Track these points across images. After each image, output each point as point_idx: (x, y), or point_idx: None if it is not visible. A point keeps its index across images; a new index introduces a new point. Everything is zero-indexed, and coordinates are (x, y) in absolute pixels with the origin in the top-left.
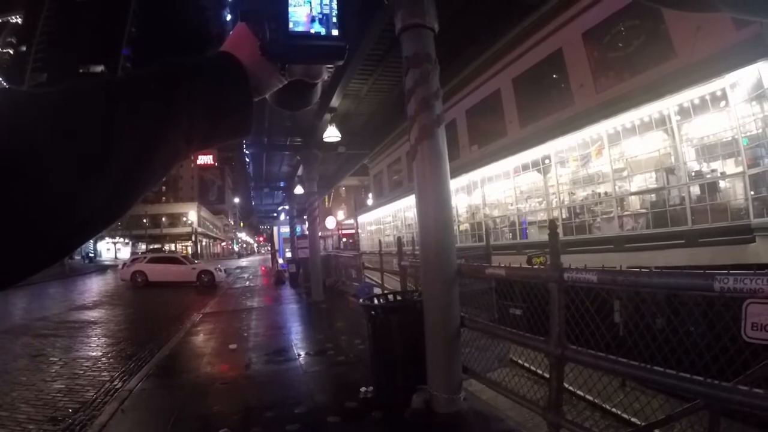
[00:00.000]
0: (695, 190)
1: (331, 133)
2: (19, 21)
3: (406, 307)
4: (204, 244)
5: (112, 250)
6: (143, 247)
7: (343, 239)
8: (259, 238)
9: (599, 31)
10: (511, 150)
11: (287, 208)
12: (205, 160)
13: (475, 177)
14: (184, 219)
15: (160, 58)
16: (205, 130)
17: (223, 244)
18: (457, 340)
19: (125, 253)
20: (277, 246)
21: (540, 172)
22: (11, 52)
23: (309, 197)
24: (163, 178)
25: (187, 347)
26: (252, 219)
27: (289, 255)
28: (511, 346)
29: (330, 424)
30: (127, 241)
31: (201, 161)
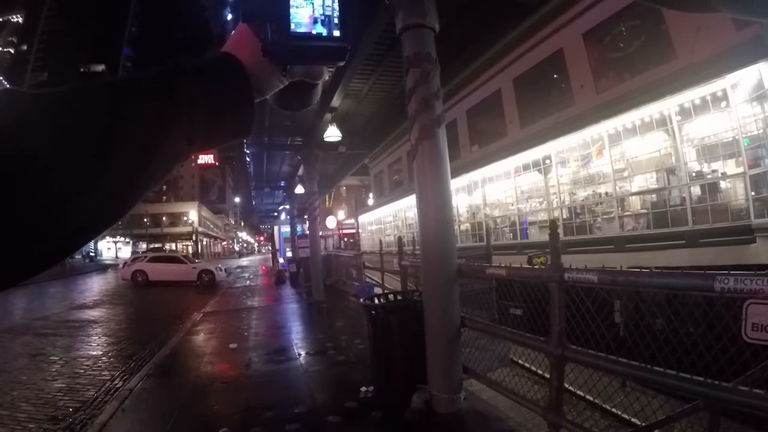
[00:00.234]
0: (696, 190)
1: (332, 133)
2: (19, 20)
3: (407, 306)
4: (205, 243)
5: (113, 249)
6: (144, 246)
7: (344, 239)
8: (259, 238)
9: (600, 32)
10: (511, 150)
11: (288, 207)
12: (205, 159)
13: (475, 177)
14: (185, 218)
15: (161, 58)
16: (206, 130)
17: (224, 243)
18: (458, 339)
19: (126, 252)
20: (277, 245)
21: (540, 172)
22: (12, 51)
23: (309, 197)
24: (165, 178)
25: (188, 346)
26: (252, 218)
27: (290, 254)
28: (511, 346)
29: (330, 423)
30: (127, 240)
31: (202, 161)
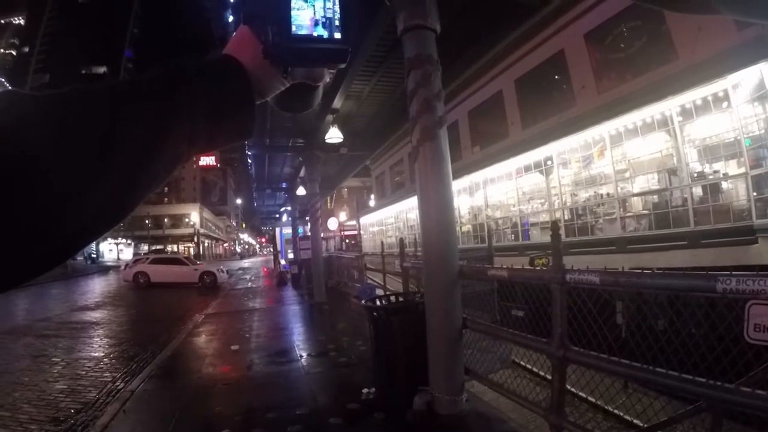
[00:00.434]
0: (698, 191)
1: (333, 135)
2: (21, 22)
3: (408, 308)
4: (206, 245)
5: (115, 251)
6: (146, 248)
7: (345, 240)
8: (261, 239)
9: (601, 33)
10: (513, 151)
11: (289, 209)
12: (207, 161)
13: (477, 178)
14: (187, 220)
15: (163, 60)
16: (207, 132)
17: (226, 245)
18: (459, 341)
19: (128, 254)
20: (279, 247)
21: (542, 173)
22: (14, 53)
23: (311, 198)
24: (166, 180)
25: (189, 348)
26: (254, 220)
27: (291, 256)
28: (513, 348)
29: (332, 425)
30: (129, 242)
31: (203, 162)
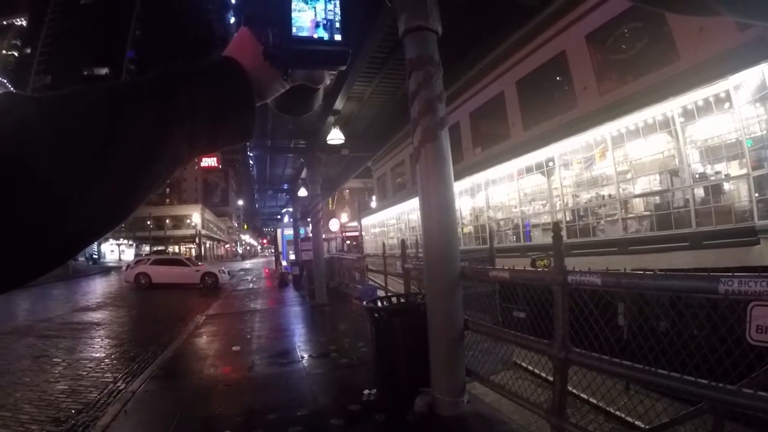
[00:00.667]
0: (699, 192)
1: (335, 136)
2: (23, 23)
3: (410, 309)
4: (208, 246)
5: (116, 251)
6: (147, 248)
7: (347, 242)
8: (262, 241)
9: (602, 34)
10: (514, 152)
11: (291, 210)
12: (209, 162)
13: (478, 179)
14: (188, 221)
15: (165, 61)
16: (207, 134)
17: (227, 246)
18: (461, 342)
19: (129, 254)
20: (280, 248)
21: (543, 174)
22: (16, 54)
23: (313, 199)
24: (166, 182)
25: (191, 349)
26: (256, 221)
27: (293, 257)
28: (514, 349)
29: (333, 426)
30: (130, 242)
31: (205, 163)
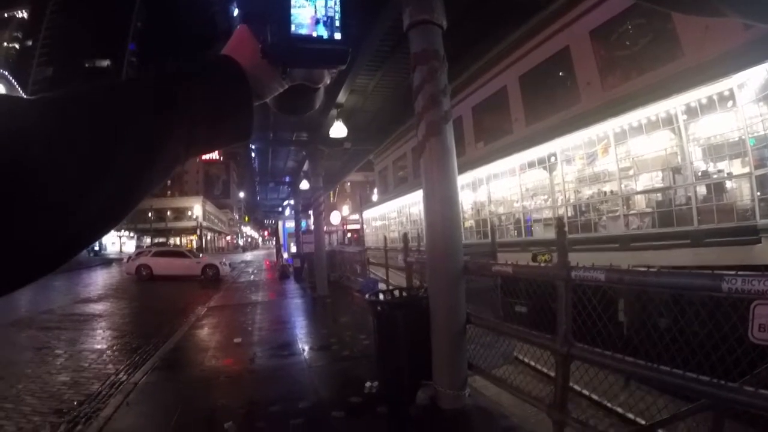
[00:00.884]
0: (701, 189)
1: (338, 129)
2: (24, 15)
3: (412, 303)
4: (209, 238)
5: (117, 243)
6: (148, 240)
7: (348, 235)
8: (263, 233)
9: (607, 30)
10: (517, 147)
11: (292, 203)
12: (210, 154)
13: (480, 174)
14: (189, 213)
15: (166, 54)
16: (205, 134)
17: (228, 238)
18: (463, 336)
19: (130, 246)
20: (281, 240)
21: (546, 169)
22: (17, 46)
23: (314, 192)
24: (164, 181)
25: (192, 341)
26: (257, 213)
27: (294, 250)
28: (516, 344)
29: (334, 418)
30: (132, 234)
31: (206, 156)
